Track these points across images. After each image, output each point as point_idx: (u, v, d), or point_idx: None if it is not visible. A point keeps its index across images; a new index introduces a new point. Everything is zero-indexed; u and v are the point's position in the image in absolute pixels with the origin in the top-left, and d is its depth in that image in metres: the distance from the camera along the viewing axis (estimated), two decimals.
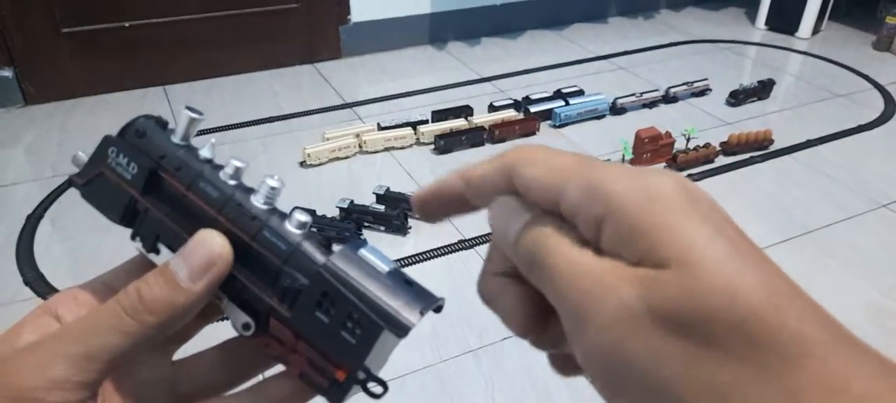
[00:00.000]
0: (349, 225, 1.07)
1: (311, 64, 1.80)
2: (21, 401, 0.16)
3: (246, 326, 0.19)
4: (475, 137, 1.37)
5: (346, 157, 1.33)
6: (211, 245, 0.18)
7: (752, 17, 2.18)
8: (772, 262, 0.14)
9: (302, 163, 1.31)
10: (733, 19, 2.22)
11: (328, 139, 1.34)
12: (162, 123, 0.20)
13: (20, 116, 1.50)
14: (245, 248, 0.18)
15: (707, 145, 1.33)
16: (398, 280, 0.18)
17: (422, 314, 0.17)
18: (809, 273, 1.03)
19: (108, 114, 1.52)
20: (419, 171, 1.30)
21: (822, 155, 1.39)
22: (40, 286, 0.98)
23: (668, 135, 1.32)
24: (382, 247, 0.19)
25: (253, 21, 1.69)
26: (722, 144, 1.36)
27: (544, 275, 0.16)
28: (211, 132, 1.44)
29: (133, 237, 0.20)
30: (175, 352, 0.22)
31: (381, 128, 1.39)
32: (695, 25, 2.15)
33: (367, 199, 1.15)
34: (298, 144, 1.35)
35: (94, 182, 0.20)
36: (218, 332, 0.22)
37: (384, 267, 0.18)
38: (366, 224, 1.09)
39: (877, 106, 1.62)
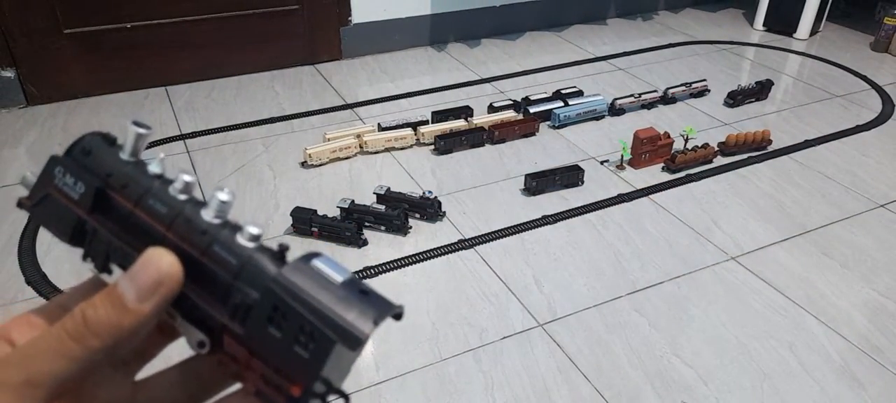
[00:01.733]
0: (349, 224, 1.07)
1: (312, 65, 1.80)
2: None
3: (201, 344, 0.18)
4: (475, 138, 1.38)
5: (347, 158, 1.33)
6: (159, 263, 0.17)
7: (750, 18, 2.18)
8: None
9: (303, 164, 1.31)
10: (732, 20, 2.23)
11: (329, 139, 1.35)
12: (110, 140, 0.19)
13: (22, 117, 1.51)
14: (196, 264, 0.18)
15: (705, 146, 1.33)
16: (353, 290, 0.17)
17: (376, 324, 0.17)
18: (808, 273, 1.04)
19: (109, 114, 1.52)
20: (419, 172, 1.30)
21: (821, 155, 1.39)
22: (43, 286, 0.98)
23: (667, 135, 1.32)
24: (383, 247, 0.19)
25: (254, 22, 1.69)
26: (720, 145, 1.37)
27: None
28: (213, 133, 1.44)
29: (84, 258, 0.19)
30: (137, 372, 0.22)
31: (381, 129, 1.40)
32: (693, 26, 2.16)
33: (368, 199, 1.15)
34: (299, 145, 1.35)
35: (42, 203, 0.19)
36: (180, 350, 0.22)
37: (338, 278, 0.17)
38: (366, 224, 1.10)
39: (875, 106, 1.62)
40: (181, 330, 0.19)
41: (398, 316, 0.18)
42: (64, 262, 1.03)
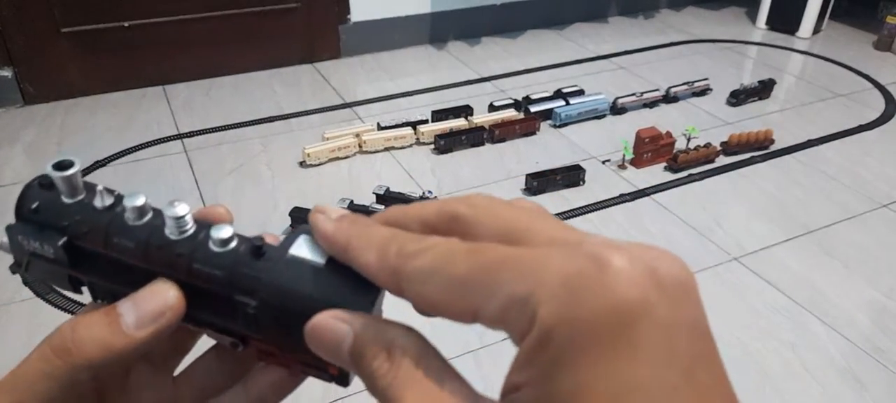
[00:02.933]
0: None
1: (310, 63, 1.80)
2: None
3: (234, 345, 0.19)
4: (475, 137, 1.37)
5: (346, 157, 1.32)
6: (164, 295, 0.17)
7: (752, 16, 2.17)
8: None
9: (302, 163, 1.30)
10: (734, 19, 2.22)
11: (328, 139, 1.34)
12: (45, 184, 0.18)
13: (19, 116, 1.50)
14: (187, 287, 0.17)
15: (708, 145, 1.32)
16: (337, 270, 0.17)
17: (374, 300, 0.16)
18: (810, 273, 1.03)
19: (107, 113, 1.51)
20: (419, 171, 1.29)
21: (823, 155, 1.38)
22: (39, 286, 0.97)
23: (669, 134, 1.32)
24: None
25: (252, 21, 1.68)
26: (722, 144, 1.36)
27: None
28: (212, 132, 1.44)
29: (94, 300, 0.19)
30: (175, 368, 0.21)
31: (380, 128, 1.39)
32: (695, 25, 2.15)
33: (367, 199, 1.15)
34: (298, 144, 1.35)
35: (31, 266, 0.19)
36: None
37: (320, 261, 0.17)
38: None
39: (877, 106, 1.61)
40: (212, 338, 0.19)
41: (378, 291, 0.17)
42: None
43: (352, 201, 1.11)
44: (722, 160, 1.35)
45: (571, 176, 1.22)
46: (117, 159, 1.33)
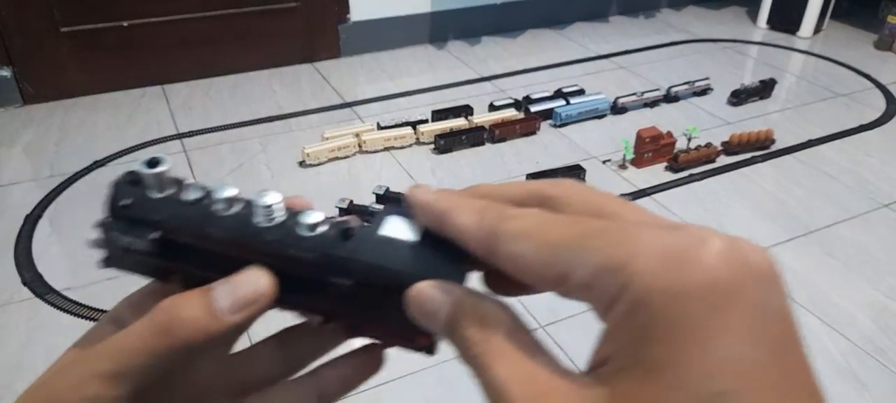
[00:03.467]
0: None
1: (310, 63, 1.79)
2: None
3: (322, 322, 0.20)
4: (475, 137, 1.37)
5: (346, 157, 1.32)
6: (258, 282, 0.18)
7: (753, 15, 2.17)
8: None
9: (301, 163, 1.30)
10: (734, 18, 2.21)
11: (327, 139, 1.34)
12: (133, 180, 0.19)
13: (18, 116, 1.49)
14: (278, 272, 0.18)
15: (708, 145, 1.32)
16: (428, 247, 0.17)
17: (464, 275, 0.17)
18: (811, 273, 1.03)
19: (106, 113, 1.51)
20: (419, 171, 1.29)
21: (824, 155, 1.38)
22: (39, 286, 0.97)
23: (670, 134, 1.31)
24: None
25: (252, 20, 1.68)
26: (723, 144, 1.36)
27: (484, 384, 0.14)
28: (211, 132, 1.43)
29: (185, 289, 0.20)
30: (233, 345, 0.22)
31: (380, 128, 1.38)
32: (696, 24, 2.15)
33: (367, 199, 1.14)
34: (297, 144, 1.34)
35: (122, 259, 0.20)
36: (279, 321, 0.22)
37: (411, 239, 0.17)
38: (365, 224, 1.08)
39: (878, 105, 1.61)
40: (301, 317, 0.20)
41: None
42: (59, 262, 1.02)
43: (351, 201, 1.11)
44: (723, 160, 1.34)
45: (572, 176, 1.22)
46: (116, 159, 1.33)
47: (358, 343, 0.20)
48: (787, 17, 2.04)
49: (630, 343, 0.13)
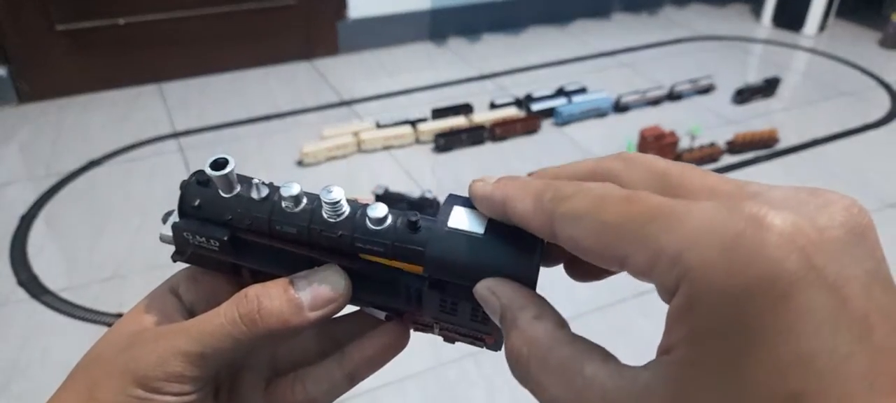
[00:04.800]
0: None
1: (307, 60, 1.78)
2: (143, 387, 0.17)
3: (388, 317, 0.20)
4: (476, 136, 1.35)
5: (345, 156, 1.31)
6: (336, 283, 0.18)
7: (757, 13, 2.15)
8: None
9: (299, 163, 1.29)
10: (738, 15, 2.19)
11: (326, 137, 1.33)
12: (202, 181, 0.20)
13: (13, 114, 1.48)
14: (351, 271, 0.19)
15: (712, 144, 1.31)
16: (496, 238, 0.17)
17: (537, 264, 0.17)
18: None
19: (102, 112, 1.50)
20: (419, 171, 1.28)
21: (828, 154, 1.37)
22: (34, 287, 0.96)
23: (673, 133, 1.30)
24: None
25: (249, 17, 1.67)
26: (727, 143, 1.34)
27: (534, 395, 0.14)
28: (208, 131, 1.42)
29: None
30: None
31: (379, 127, 1.37)
32: (699, 21, 2.13)
33: (366, 199, 1.13)
34: (295, 143, 1.33)
35: (195, 257, 0.20)
36: None
37: (479, 231, 0.17)
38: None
39: (883, 104, 1.59)
40: (367, 310, 0.21)
41: (544, 244, 0.17)
42: (55, 263, 1.01)
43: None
44: (726, 159, 1.33)
45: None
46: (113, 158, 1.31)
47: (385, 322, 0.21)
48: (791, 14, 2.02)
49: (691, 338, 0.12)
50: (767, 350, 0.11)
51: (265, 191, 0.19)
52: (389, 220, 0.18)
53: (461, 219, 0.18)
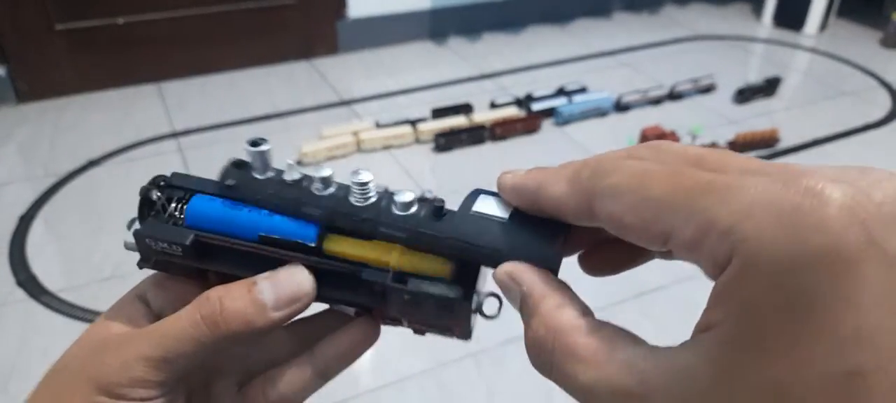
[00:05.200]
0: None
1: (307, 60, 1.77)
2: (108, 394, 0.17)
3: (357, 313, 0.20)
4: (476, 135, 1.35)
5: (344, 156, 1.31)
6: (300, 282, 0.18)
7: (758, 12, 2.15)
8: None
9: (298, 162, 1.28)
10: (739, 15, 2.19)
11: (325, 137, 1.32)
12: (239, 164, 0.20)
13: (12, 114, 1.48)
14: (316, 270, 0.19)
15: (713, 144, 1.30)
16: (521, 224, 0.17)
17: (560, 251, 0.17)
18: None
19: (101, 111, 1.49)
20: (418, 170, 1.27)
21: (829, 153, 1.36)
22: (33, 287, 0.96)
23: (674, 133, 1.30)
24: None
25: (248, 16, 1.66)
26: (728, 143, 1.34)
27: (563, 387, 0.14)
28: (207, 131, 1.42)
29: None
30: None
31: (379, 127, 1.37)
32: (700, 21, 2.13)
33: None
34: (295, 143, 1.33)
35: (160, 264, 0.20)
36: None
37: (503, 216, 0.18)
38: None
39: (884, 104, 1.59)
40: (334, 307, 0.21)
41: (569, 229, 0.17)
42: (54, 263, 1.01)
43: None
44: None
45: None
46: (112, 158, 1.31)
47: (354, 318, 0.21)
48: (792, 14, 2.02)
49: (742, 312, 0.11)
50: (827, 323, 0.10)
51: (297, 175, 0.19)
52: (415, 207, 0.18)
53: (487, 206, 0.18)
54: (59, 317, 0.91)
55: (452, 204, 0.20)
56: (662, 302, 0.94)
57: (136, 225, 0.19)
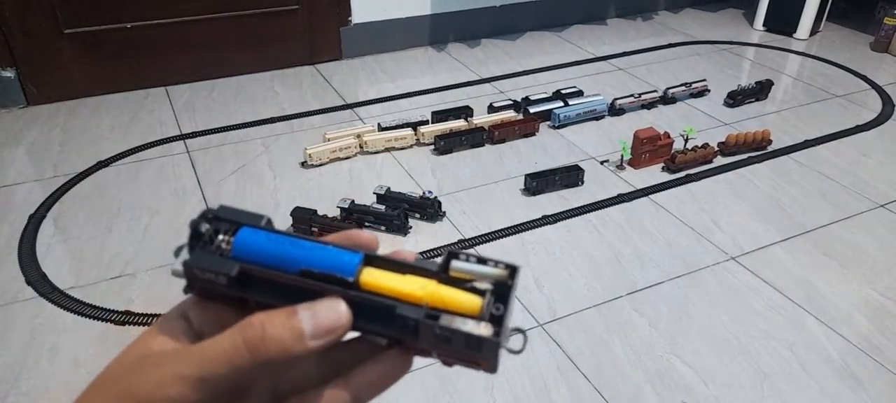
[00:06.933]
0: (349, 224, 1.07)
1: (312, 65, 1.80)
2: None
3: (389, 344, 0.21)
4: (475, 138, 1.38)
5: (347, 158, 1.33)
6: (338, 313, 0.19)
7: (750, 18, 2.18)
8: None
9: (303, 164, 1.31)
10: (731, 20, 2.22)
11: (329, 139, 1.35)
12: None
13: (22, 117, 1.50)
14: (351, 299, 0.20)
15: (705, 146, 1.33)
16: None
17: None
18: (808, 273, 1.04)
19: (109, 114, 1.52)
20: (419, 171, 1.30)
21: (821, 155, 1.39)
22: (43, 286, 0.98)
23: (667, 135, 1.32)
24: (383, 247, 0.21)
25: (254, 22, 1.69)
26: (720, 145, 1.37)
27: None
28: (213, 133, 1.44)
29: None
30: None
31: (381, 129, 1.40)
32: (693, 26, 2.16)
33: (368, 199, 1.15)
34: (299, 145, 1.35)
35: (204, 291, 0.21)
36: None
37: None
38: (366, 224, 1.10)
39: (874, 106, 1.62)
40: (365, 336, 0.22)
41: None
42: (63, 262, 1.03)
43: (353, 201, 1.12)
44: (719, 160, 1.35)
45: (570, 176, 1.23)
46: (120, 160, 1.33)
47: (386, 348, 0.22)
48: (783, 19, 2.05)
49: None
50: None
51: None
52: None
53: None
54: (69, 315, 0.92)
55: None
56: (654, 299, 0.97)
57: (184, 255, 0.20)
